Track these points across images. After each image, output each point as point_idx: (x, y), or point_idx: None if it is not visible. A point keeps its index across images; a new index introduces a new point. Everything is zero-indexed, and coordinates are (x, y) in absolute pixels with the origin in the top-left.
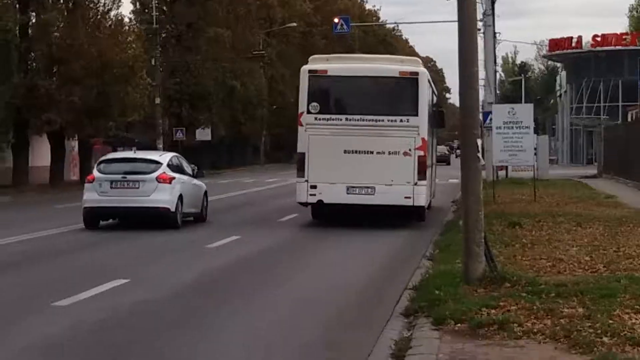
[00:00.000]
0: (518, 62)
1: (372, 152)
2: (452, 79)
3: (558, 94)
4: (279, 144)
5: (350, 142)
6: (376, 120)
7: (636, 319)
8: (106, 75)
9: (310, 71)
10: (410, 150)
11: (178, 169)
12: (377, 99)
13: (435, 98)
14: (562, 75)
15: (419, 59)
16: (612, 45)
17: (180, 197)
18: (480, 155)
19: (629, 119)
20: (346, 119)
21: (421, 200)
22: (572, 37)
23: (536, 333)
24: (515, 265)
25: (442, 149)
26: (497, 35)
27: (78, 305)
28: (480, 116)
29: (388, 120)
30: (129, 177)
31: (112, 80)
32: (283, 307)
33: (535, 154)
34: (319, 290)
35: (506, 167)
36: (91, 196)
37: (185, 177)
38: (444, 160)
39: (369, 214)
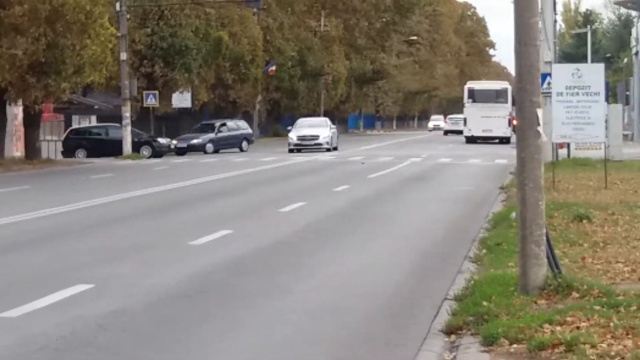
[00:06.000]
0: (582, 10)
1: (491, 117)
2: (497, 31)
3: (634, 51)
4: (277, 113)
5: (483, 112)
6: (493, 104)
7: None
8: (58, 23)
9: (468, 88)
10: (505, 116)
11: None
12: (493, 96)
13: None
14: (639, 26)
15: (507, 81)
16: None
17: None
18: (541, 129)
19: None
20: (481, 104)
21: (508, 134)
22: None
23: (614, 357)
24: (585, 270)
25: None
26: None
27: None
28: None
29: (497, 104)
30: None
31: (65, 29)
32: (292, 320)
33: (605, 127)
34: (335, 299)
35: (568, 145)
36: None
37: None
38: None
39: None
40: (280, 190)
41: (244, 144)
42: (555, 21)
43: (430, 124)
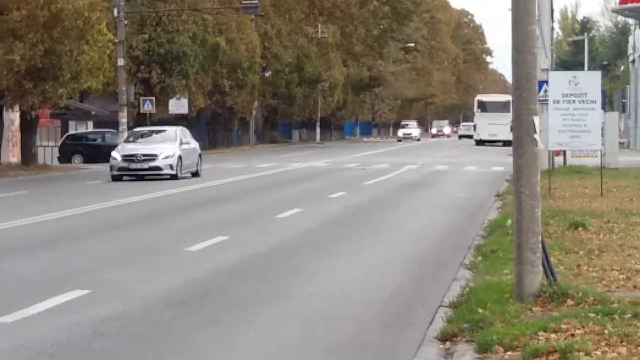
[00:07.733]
0: (579, 17)
1: (496, 124)
2: (494, 38)
3: (631, 58)
4: (274, 120)
5: (490, 120)
6: (498, 113)
7: None
8: (55, 29)
9: (478, 100)
10: (507, 123)
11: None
12: (498, 107)
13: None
14: (637, 34)
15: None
16: None
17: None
18: (537, 137)
19: None
20: (489, 114)
21: (510, 138)
22: None
23: None
24: (580, 278)
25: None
26: None
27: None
28: None
29: (502, 113)
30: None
31: (62, 35)
32: (288, 326)
33: (601, 135)
34: (331, 305)
35: (564, 152)
36: None
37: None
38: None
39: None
40: (276, 196)
41: None
42: (553, 29)
43: (400, 133)
